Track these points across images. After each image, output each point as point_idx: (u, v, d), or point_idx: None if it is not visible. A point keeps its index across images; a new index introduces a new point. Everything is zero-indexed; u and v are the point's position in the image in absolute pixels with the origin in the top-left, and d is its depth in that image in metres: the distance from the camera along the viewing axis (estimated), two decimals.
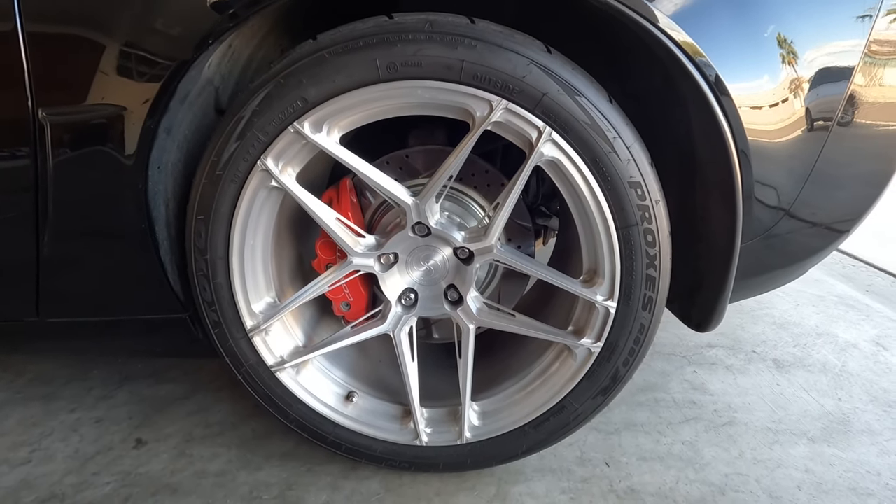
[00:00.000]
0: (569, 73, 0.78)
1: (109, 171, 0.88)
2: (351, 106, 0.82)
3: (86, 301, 1.04)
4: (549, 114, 0.78)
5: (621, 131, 0.80)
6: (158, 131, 0.87)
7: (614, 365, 0.93)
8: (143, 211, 0.91)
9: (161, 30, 0.80)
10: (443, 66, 0.77)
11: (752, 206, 0.88)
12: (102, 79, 0.82)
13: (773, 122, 0.82)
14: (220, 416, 1.26)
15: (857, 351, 1.52)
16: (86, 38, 0.82)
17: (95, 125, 0.85)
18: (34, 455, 1.15)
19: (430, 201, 0.89)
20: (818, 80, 0.82)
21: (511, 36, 0.78)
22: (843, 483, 1.05)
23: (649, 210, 0.83)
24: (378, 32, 0.78)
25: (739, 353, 1.51)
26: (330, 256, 1.01)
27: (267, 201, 0.90)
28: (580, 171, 0.81)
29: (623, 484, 1.05)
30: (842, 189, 0.93)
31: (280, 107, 0.81)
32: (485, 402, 1.03)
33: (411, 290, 0.99)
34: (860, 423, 1.22)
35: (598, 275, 0.89)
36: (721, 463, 1.10)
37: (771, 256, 0.97)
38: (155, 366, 1.46)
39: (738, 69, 0.79)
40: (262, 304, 0.97)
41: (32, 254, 0.95)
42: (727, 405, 1.28)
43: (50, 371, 1.44)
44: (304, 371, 1.02)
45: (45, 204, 0.90)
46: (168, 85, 0.82)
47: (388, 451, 1.03)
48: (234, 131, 0.83)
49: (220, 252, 0.90)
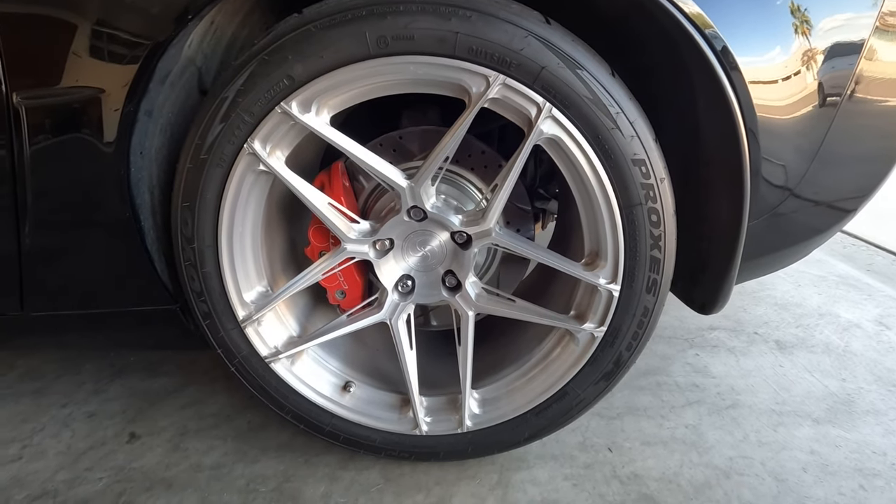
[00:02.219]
0: (569, 45, 0.74)
1: (89, 157, 0.84)
2: (340, 84, 0.77)
3: (71, 293, 1.00)
4: (549, 89, 0.75)
5: (624, 106, 0.76)
6: (139, 115, 0.83)
7: (617, 349, 0.90)
8: (127, 199, 0.88)
9: (136, 5, 0.76)
10: (436, 40, 0.73)
11: (758, 185, 0.85)
12: (77, 60, 0.78)
13: (782, 97, 0.79)
14: (215, 408, 1.24)
15: (860, 331, 1.50)
16: (59, 18, 0.77)
17: (72, 109, 0.81)
18: (25, 451, 1.12)
19: (425, 184, 0.85)
20: (828, 55, 0.78)
21: (507, 6, 0.74)
22: (848, 464, 1.03)
23: (654, 188, 0.80)
24: (367, 4, 0.73)
25: (741, 335, 1.49)
26: (323, 243, 0.98)
27: (255, 186, 0.86)
28: (582, 149, 0.78)
29: (626, 469, 1.03)
30: (849, 167, 0.90)
31: (265, 86, 0.77)
32: (485, 390, 1.01)
33: (408, 276, 0.96)
34: (865, 404, 1.20)
35: (601, 257, 0.86)
36: (725, 446, 1.09)
37: (777, 236, 0.95)
38: (148, 359, 1.43)
39: (748, 41, 0.75)
40: (253, 293, 0.94)
41: (14, 246, 0.91)
42: (730, 388, 1.27)
43: (40, 366, 1.41)
44: (299, 361, 1.00)
45: (23, 194, 0.86)
46: (146, 65, 0.78)
47: (387, 441, 1.01)
48: (217, 113, 0.79)
49: (207, 240, 0.87)
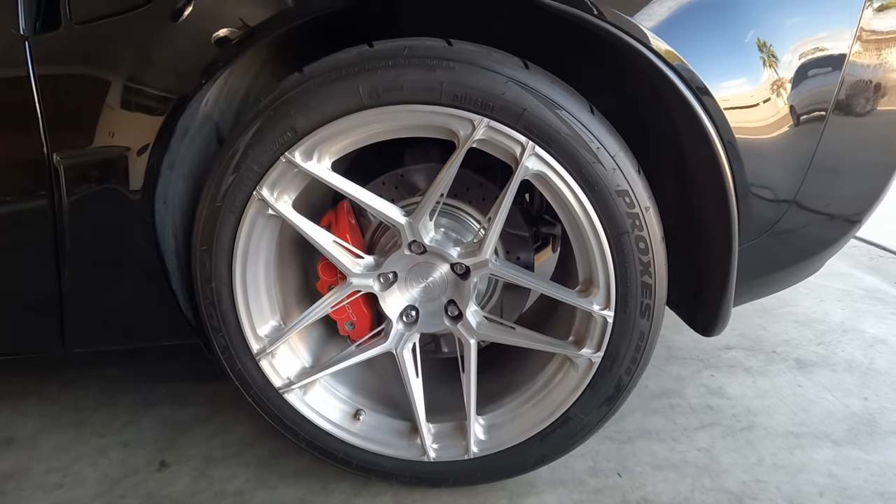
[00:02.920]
0: (547, 86, 0.79)
1: (119, 207, 0.93)
2: (338, 133, 0.84)
3: (107, 330, 1.09)
4: (531, 128, 0.79)
5: (604, 141, 0.80)
6: (162, 168, 0.92)
7: (617, 374, 0.92)
8: (153, 243, 0.96)
9: (154, 78, 0.85)
10: (423, 89, 0.79)
11: (749, 204, 0.86)
12: (107, 123, 0.88)
13: (763, 118, 0.81)
14: (239, 436, 1.30)
15: (886, 347, 1.45)
16: (92, 88, 0.87)
17: (104, 166, 0.90)
18: (66, 480, 1.20)
19: (423, 219, 0.90)
20: (808, 72, 0.81)
21: (488, 55, 0.79)
22: (868, 488, 1.00)
23: (639, 217, 0.82)
24: (359, 61, 0.80)
25: (760, 354, 1.47)
26: (331, 278, 1.03)
27: (266, 228, 0.93)
28: (566, 183, 0.82)
29: (636, 494, 1.03)
30: (846, 177, 0.91)
31: (271, 138, 0.84)
32: (490, 416, 1.03)
33: (412, 307, 1.01)
34: (888, 424, 1.16)
35: (594, 284, 0.88)
36: (739, 469, 1.07)
37: (783, 252, 0.95)
38: (178, 390, 1.51)
39: (720, 68, 0.78)
40: (267, 327, 1.00)
41: (55, 287, 1.01)
42: (746, 409, 1.25)
43: (81, 398, 1.50)
44: (312, 391, 1.05)
45: (63, 240, 0.96)
46: (167, 125, 0.87)
47: (397, 468, 1.04)
48: (230, 164, 0.87)
49: (223, 280, 0.94)
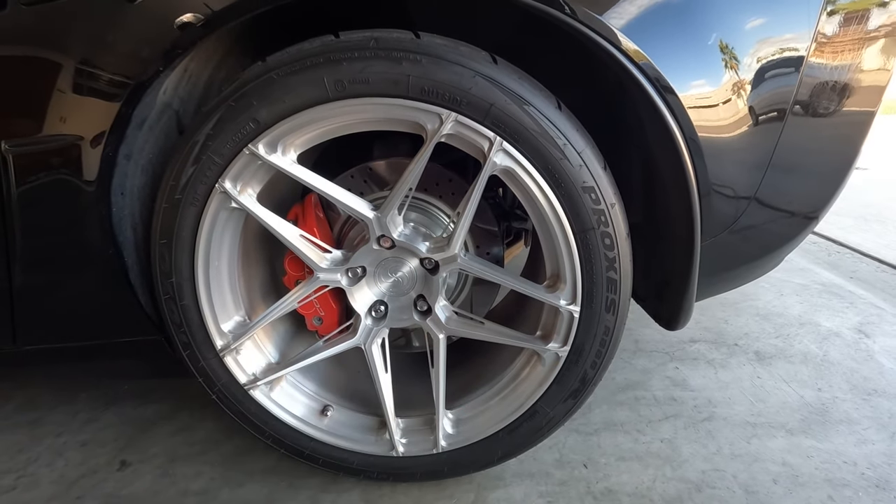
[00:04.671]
0: (515, 82, 0.79)
1: (72, 199, 0.89)
2: (303, 125, 0.82)
3: (61, 327, 1.05)
4: (499, 124, 0.79)
5: (571, 138, 0.80)
6: (118, 158, 0.88)
7: (582, 368, 0.93)
8: (109, 236, 0.93)
9: (110, 62, 0.81)
10: (390, 82, 0.78)
11: (711, 202, 0.88)
12: (58, 110, 0.84)
13: (724, 118, 0.83)
14: (204, 434, 1.27)
15: (840, 339, 1.52)
16: (41, 73, 0.83)
17: (55, 155, 0.86)
18: (20, 482, 1.15)
19: (391, 214, 0.90)
20: (771, 71, 0.83)
21: (455, 48, 0.79)
22: (819, 475, 1.05)
23: (605, 213, 0.83)
24: (324, 52, 0.79)
25: (722, 347, 1.51)
26: (299, 272, 1.02)
27: (229, 222, 0.91)
28: (534, 179, 0.82)
29: (600, 485, 1.05)
30: (804, 175, 0.93)
31: (233, 129, 0.82)
32: (459, 410, 1.04)
33: (381, 302, 1.00)
34: (839, 413, 1.22)
35: (561, 279, 0.89)
36: (699, 459, 1.11)
37: (741, 248, 0.98)
38: (141, 387, 1.47)
39: (684, 68, 0.80)
40: (231, 323, 0.98)
41: (5, 283, 0.96)
42: (707, 400, 1.29)
43: (37, 397, 1.45)
44: (278, 387, 1.03)
45: (12, 232, 0.91)
46: (123, 113, 0.83)
47: (365, 463, 1.04)
48: (189, 155, 0.84)
49: (185, 274, 0.91)
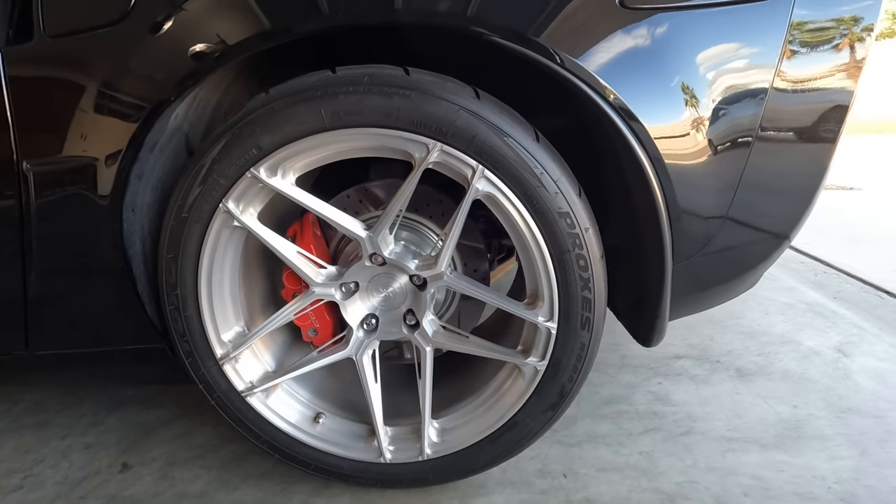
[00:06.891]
0: (496, 115, 0.86)
1: (87, 214, 0.96)
2: (302, 151, 0.89)
3: (72, 333, 1.11)
4: (481, 153, 0.86)
5: (548, 167, 0.87)
6: (130, 178, 0.95)
7: (560, 381, 0.98)
8: (120, 249, 1.00)
9: (126, 90, 0.89)
10: (382, 114, 0.85)
11: (682, 225, 0.94)
12: (77, 133, 0.91)
13: (691, 146, 0.88)
14: (203, 438, 1.32)
15: (819, 358, 1.56)
16: (62, 98, 0.90)
17: (73, 173, 0.94)
18: (26, 481, 1.21)
19: (382, 233, 0.96)
20: (738, 101, 0.88)
21: (442, 85, 0.86)
22: (788, 488, 1.09)
23: (580, 237, 0.89)
24: (323, 85, 0.86)
25: (705, 364, 1.56)
26: (296, 286, 1.08)
27: (231, 239, 0.97)
28: (513, 204, 0.88)
29: (579, 495, 1.10)
30: (773, 197, 0.97)
31: (237, 154, 0.89)
32: (445, 420, 1.09)
33: (372, 315, 1.06)
34: (812, 430, 1.26)
35: (539, 298, 0.95)
36: (675, 472, 1.15)
37: (715, 269, 1.03)
38: (145, 393, 1.53)
39: (650, 101, 0.86)
40: (231, 333, 1.04)
41: (20, 291, 1.03)
42: (687, 415, 1.33)
43: (45, 399, 1.51)
44: (273, 395, 1.09)
45: (29, 242, 0.98)
46: (136, 137, 0.90)
47: (355, 469, 1.09)
48: (197, 177, 0.91)
49: (189, 287, 0.98)
